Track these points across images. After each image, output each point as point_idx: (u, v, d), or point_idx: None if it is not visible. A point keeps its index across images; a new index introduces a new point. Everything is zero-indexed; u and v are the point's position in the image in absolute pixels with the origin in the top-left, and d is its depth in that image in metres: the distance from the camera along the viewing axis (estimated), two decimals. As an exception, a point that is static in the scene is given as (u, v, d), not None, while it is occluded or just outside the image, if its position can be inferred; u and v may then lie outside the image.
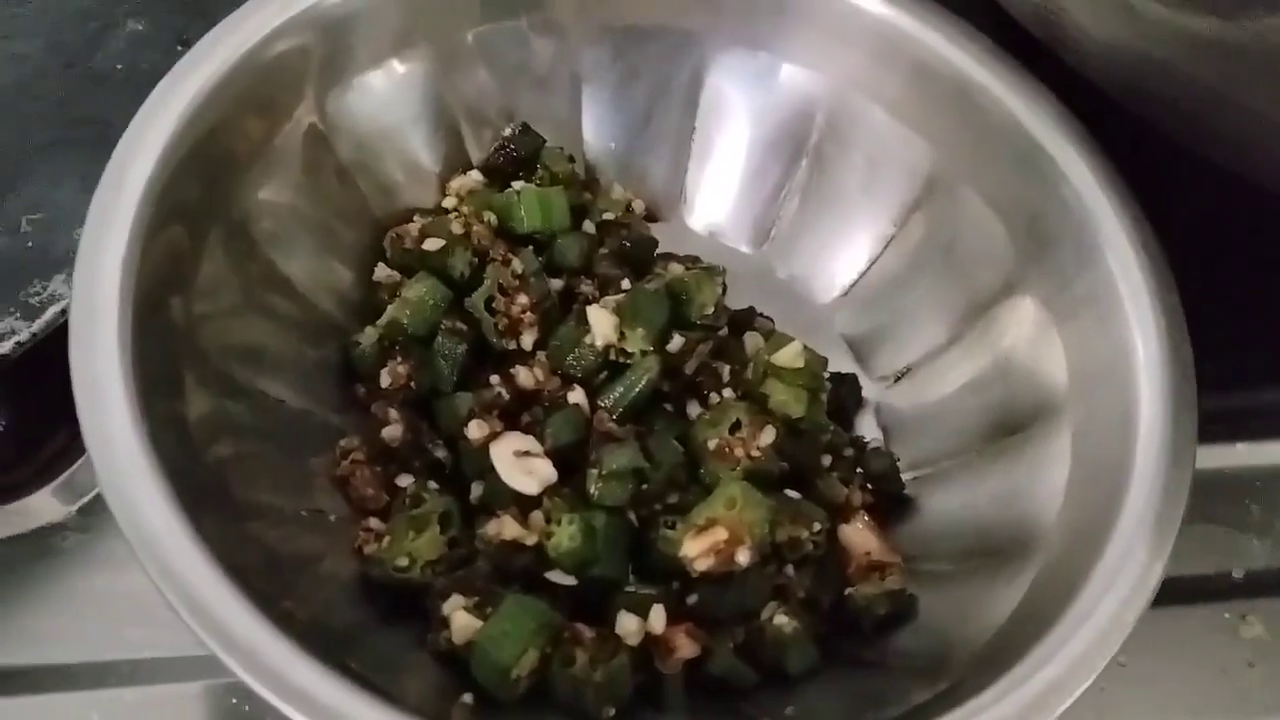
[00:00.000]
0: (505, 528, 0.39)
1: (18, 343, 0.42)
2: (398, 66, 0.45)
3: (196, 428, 0.37)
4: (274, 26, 0.41)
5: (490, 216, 0.45)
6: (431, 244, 0.44)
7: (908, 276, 0.48)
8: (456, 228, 0.44)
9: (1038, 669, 0.34)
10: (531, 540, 0.39)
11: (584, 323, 0.42)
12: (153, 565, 0.32)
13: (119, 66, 0.49)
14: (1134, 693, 0.44)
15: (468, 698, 0.36)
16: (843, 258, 0.50)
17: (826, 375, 0.44)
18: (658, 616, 0.38)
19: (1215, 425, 0.51)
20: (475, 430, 0.40)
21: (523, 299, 0.42)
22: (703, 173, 0.51)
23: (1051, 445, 0.41)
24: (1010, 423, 0.43)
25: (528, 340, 0.43)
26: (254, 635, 0.31)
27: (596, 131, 0.50)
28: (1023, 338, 0.44)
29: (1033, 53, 0.46)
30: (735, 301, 0.47)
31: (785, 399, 0.42)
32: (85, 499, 0.44)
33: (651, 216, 0.51)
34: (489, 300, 0.43)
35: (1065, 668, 0.34)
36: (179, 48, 0.49)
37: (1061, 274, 0.43)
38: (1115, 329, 0.40)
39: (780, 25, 0.48)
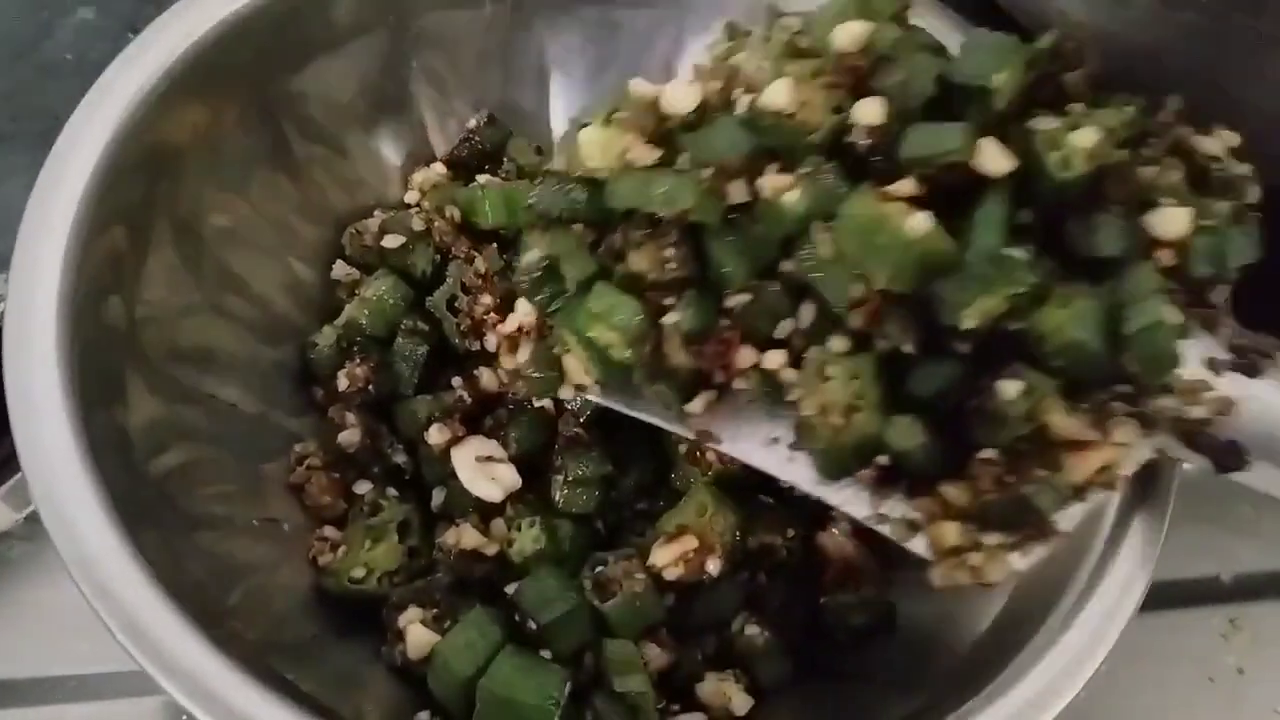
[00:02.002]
0: (465, 536, 0.37)
1: (-43, 345, 0.40)
2: (355, 54, 0.43)
3: (140, 436, 0.35)
4: (224, 13, 0.40)
5: (453, 212, 0.44)
6: (391, 240, 0.42)
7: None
8: (418, 224, 0.42)
9: (1018, 682, 0.33)
10: (492, 550, 0.37)
11: (550, 322, 0.41)
12: (88, 585, 0.30)
13: (68, 56, 0.47)
14: (1119, 701, 0.43)
15: (424, 716, 0.34)
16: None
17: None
18: (625, 628, 0.37)
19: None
20: (436, 435, 0.39)
21: (486, 299, 0.41)
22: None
23: (1034, 447, 0.40)
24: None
25: (491, 341, 0.41)
26: (194, 657, 0.30)
27: (566, 122, 0.48)
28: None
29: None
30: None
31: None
32: (33, 506, 0.42)
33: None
34: (451, 299, 0.41)
35: (1047, 681, 0.33)
36: (130, 35, 0.47)
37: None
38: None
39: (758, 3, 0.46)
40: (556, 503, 0.38)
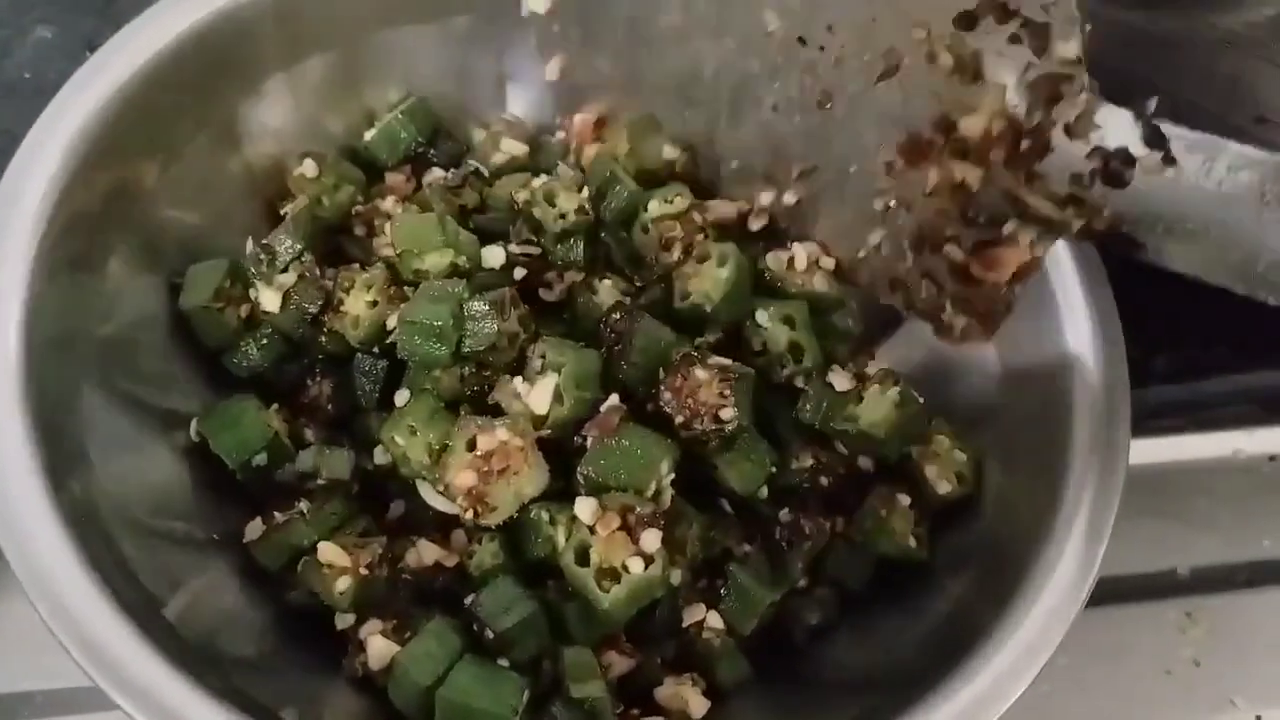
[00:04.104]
0: (425, 553, 0.37)
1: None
2: (310, 70, 0.43)
3: (97, 453, 0.35)
4: (179, 31, 0.40)
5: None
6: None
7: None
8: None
9: (966, 681, 0.33)
10: (452, 561, 0.38)
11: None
12: (43, 602, 0.31)
13: (27, 75, 0.47)
14: (1078, 694, 0.44)
15: (383, 727, 0.35)
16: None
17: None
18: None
19: (1163, 418, 0.51)
20: (380, 456, 0.39)
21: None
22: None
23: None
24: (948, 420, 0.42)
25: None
26: (151, 672, 0.30)
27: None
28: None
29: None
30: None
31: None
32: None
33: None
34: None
35: (993, 679, 0.33)
36: (87, 54, 0.47)
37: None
38: (1046, 324, 0.39)
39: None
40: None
